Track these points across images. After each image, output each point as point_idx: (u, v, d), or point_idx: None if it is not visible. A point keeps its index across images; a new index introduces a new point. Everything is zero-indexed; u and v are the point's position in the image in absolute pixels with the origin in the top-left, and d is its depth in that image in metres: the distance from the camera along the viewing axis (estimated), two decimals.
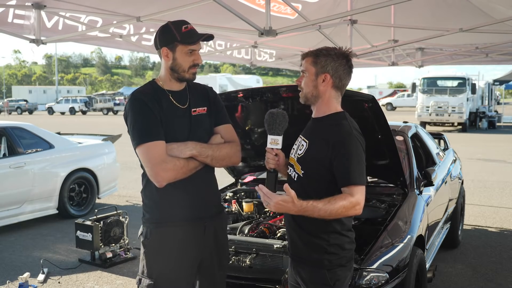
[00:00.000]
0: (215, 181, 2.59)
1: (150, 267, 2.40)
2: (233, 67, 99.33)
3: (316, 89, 2.28)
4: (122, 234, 5.42)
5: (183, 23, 2.39)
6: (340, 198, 2.11)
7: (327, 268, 2.24)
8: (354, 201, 2.12)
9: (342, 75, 2.28)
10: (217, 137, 2.49)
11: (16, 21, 4.38)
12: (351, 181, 2.14)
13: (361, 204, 2.14)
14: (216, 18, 4.90)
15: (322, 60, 2.26)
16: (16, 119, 29.58)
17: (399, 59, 7.94)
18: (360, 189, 2.15)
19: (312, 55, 2.29)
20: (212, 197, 2.56)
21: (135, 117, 2.34)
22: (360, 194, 2.14)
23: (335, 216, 2.13)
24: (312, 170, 2.25)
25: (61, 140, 7.37)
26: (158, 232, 2.41)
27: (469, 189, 8.60)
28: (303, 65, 2.32)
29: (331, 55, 2.26)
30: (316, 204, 2.09)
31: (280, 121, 2.26)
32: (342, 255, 2.26)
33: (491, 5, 5.15)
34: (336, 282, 2.25)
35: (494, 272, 4.89)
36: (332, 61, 2.25)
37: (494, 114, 27.13)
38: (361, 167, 2.18)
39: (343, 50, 2.30)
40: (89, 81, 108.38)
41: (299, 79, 2.36)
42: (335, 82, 2.27)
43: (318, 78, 2.27)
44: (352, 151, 2.17)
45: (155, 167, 2.28)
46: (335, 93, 2.30)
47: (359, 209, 2.14)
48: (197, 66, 2.43)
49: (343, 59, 2.28)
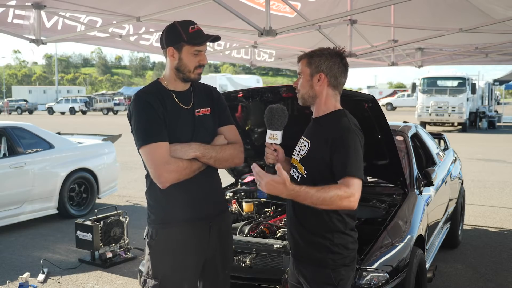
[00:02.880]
0: (219, 180, 2.59)
1: (156, 268, 2.40)
2: (233, 67, 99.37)
3: (312, 89, 2.31)
4: (122, 234, 5.42)
5: (190, 23, 2.39)
6: (334, 187, 2.09)
7: (331, 268, 2.24)
8: (349, 191, 2.07)
9: (337, 74, 2.31)
10: (220, 138, 2.49)
11: (16, 21, 4.38)
12: (347, 173, 2.12)
13: (356, 196, 2.10)
14: (216, 17, 4.90)
15: (316, 60, 2.30)
16: (16, 119, 29.60)
17: (399, 59, 7.94)
18: (356, 181, 2.11)
19: (306, 56, 2.34)
20: (216, 197, 2.56)
21: (139, 117, 2.33)
22: (355, 186, 2.10)
23: (328, 205, 2.08)
24: (315, 169, 2.25)
25: (61, 140, 7.37)
26: (164, 233, 2.40)
27: (469, 189, 8.60)
28: (299, 67, 2.37)
29: (325, 55, 2.30)
30: (309, 190, 2.07)
31: (279, 116, 2.26)
32: (346, 254, 2.27)
33: (491, 6, 5.15)
34: (340, 281, 2.26)
35: (494, 272, 4.89)
36: (326, 60, 2.29)
37: (494, 114, 27.13)
38: (358, 160, 2.16)
39: (337, 49, 2.34)
40: (89, 81, 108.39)
41: (296, 82, 2.39)
42: (330, 81, 2.30)
43: (313, 78, 2.30)
44: (349, 145, 2.17)
45: (158, 168, 2.28)
46: (332, 91, 2.32)
47: (354, 202, 2.10)
48: (203, 67, 2.43)
49: (337, 57, 2.31)
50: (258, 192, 4.29)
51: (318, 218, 2.24)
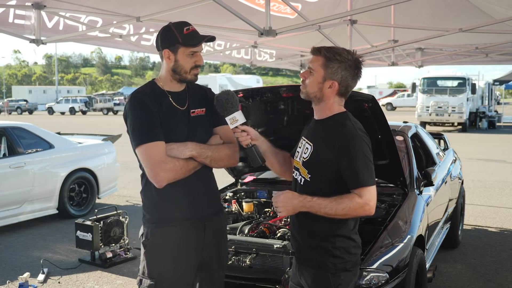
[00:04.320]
0: (214, 180, 2.60)
1: (151, 268, 2.40)
2: (233, 67, 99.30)
3: (321, 92, 2.23)
4: (122, 234, 5.42)
5: (184, 24, 2.39)
6: (346, 198, 2.12)
7: (331, 272, 2.22)
8: (362, 201, 2.12)
9: (349, 84, 2.24)
10: (216, 138, 2.49)
11: (17, 21, 4.39)
12: (360, 184, 2.14)
13: (371, 204, 2.14)
14: (216, 18, 4.90)
15: (334, 66, 2.19)
16: (16, 119, 29.59)
17: (399, 59, 7.94)
18: (369, 190, 2.15)
19: (325, 57, 2.20)
20: (211, 197, 2.56)
21: (135, 117, 2.34)
22: (369, 195, 2.14)
23: (342, 215, 2.13)
24: (319, 173, 2.23)
25: (61, 140, 7.37)
26: (159, 233, 2.41)
27: (469, 189, 8.60)
28: (313, 62, 2.24)
29: (344, 63, 2.19)
30: (322, 201, 2.11)
31: (226, 100, 2.27)
32: (348, 259, 2.24)
33: (491, 5, 5.15)
34: (339, 286, 2.23)
35: (494, 272, 4.89)
36: (344, 70, 2.19)
37: (494, 114, 27.12)
38: (368, 167, 2.17)
39: (358, 59, 2.23)
40: (89, 81, 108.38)
41: (305, 74, 2.28)
42: (340, 90, 2.24)
43: (325, 83, 2.21)
44: (358, 153, 2.15)
45: (154, 167, 2.28)
46: (338, 99, 2.27)
47: (369, 209, 2.14)
48: (199, 68, 2.43)
49: (355, 69, 2.22)
50: (258, 192, 4.30)
51: (321, 221, 2.21)
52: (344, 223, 2.22)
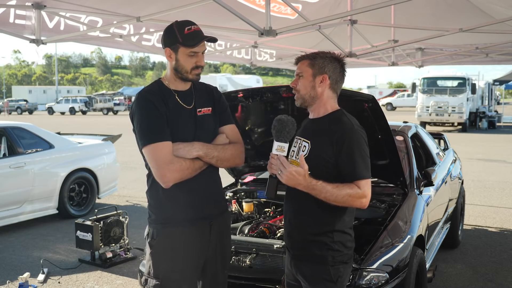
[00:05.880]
0: (219, 180, 2.59)
1: (157, 268, 2.40)
2: (233, 67, 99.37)
3: (314, 90, 2.33)
4: (122, 234, 5.42)
5: (187, 24, 2.38)
6: (347, 186, 2.19)
7: (330, 264, 2.29)
8: (361, 192, 2.19)
9: (338, 77, 2.36)
10: (222, 137, 2.49)
11: (18, 22, 4.38)
12: (356, 177, 2.22)
13: (368, 197, 2.22)
14: (216, 18, 4.90)
15: (319, 62, 2.33)
16: (16, 119, 29.60)
17: (399, 59, 7.94)
18: (367, 182, 2.23)
19: (308, 57, 2.36)
20: (217, 196, 2.56)
21: (142, 117, 2.33)
22: (367, 187, 2.22)
23: (340, 202, 2.19)
24: (318, 168, 2.26)
25: (61, 140, 7.37)
26: (165, 233, 2.41)
27: (469, 189, 8.60)
28: (299, 67, 2.37)
29: (328, 57, 2.34)
30: (326, 185, 2.16)
31: (289, 129, 2.21)
32: (345, 252, 2.32)
33: (491, 5, 5.15)
34: (339, 278, 2.30)
35: (494, 272, 4.89)
36: (330, 63, 2.34)
37: (494, 114, 27.11)
38: (365, 160, 2.24)
39: (336, 54, 2.38)
40: (89, 81, 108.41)
41: (295, 81, 2.39)
42: (331, 84, 2.34)
43: (316, 79, 2.32)
44: (354, 147, 2.23)
45: (161, 167, 2.28)
46: (332, 94, 2.36)
47: (365, 202, 2.22)
48: (200, 68, 2.42)
49: (338, 62, 2.36)
50: (258, 192, 4.30)
51: (319, 217, 2.30)
52: (340, 219, 2.30)
